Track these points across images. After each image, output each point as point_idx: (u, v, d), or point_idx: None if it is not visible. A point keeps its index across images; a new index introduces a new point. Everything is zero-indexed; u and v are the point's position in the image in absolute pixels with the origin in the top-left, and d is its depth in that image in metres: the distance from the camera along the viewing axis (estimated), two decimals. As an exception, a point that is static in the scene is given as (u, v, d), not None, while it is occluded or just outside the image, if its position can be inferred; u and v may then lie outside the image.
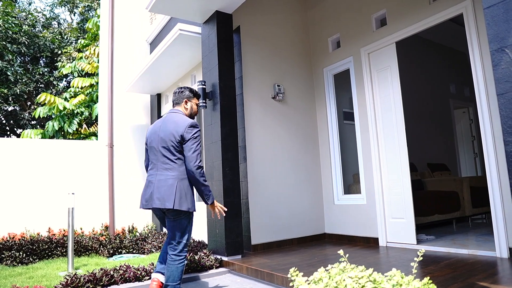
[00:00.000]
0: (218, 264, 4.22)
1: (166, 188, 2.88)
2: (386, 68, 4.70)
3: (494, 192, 3.53)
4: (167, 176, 2.92)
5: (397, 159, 4.53)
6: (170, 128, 2.97)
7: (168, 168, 2.94)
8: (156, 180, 2.93)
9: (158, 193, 2.89)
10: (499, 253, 3.47)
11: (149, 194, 2.94)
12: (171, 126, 2.97)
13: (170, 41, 5.41)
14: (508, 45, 1.90)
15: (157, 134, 3.03)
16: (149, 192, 2.95)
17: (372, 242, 4.75)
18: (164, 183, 2.90)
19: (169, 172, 2.93)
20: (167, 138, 2.95)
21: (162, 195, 2.87)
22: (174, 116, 3.07)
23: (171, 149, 2.94)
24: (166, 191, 2.87)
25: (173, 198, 2.86)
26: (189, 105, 3.24)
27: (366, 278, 2.24)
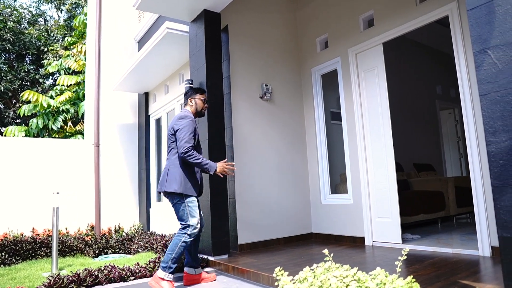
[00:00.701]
0: (204, 264, 4.20)
1: (163, 175, 3.45)
2: (373, 68, 4.73)
3: (477, 192, 3.58)
4: (166, 165, 3.50)
5: (383, 159, 4.56)
6: (171, 123, 3.53)
7: (167, 158, 3.52)
8: (164, 169, 3.52)
9: (161, 179, 3.49)
10: (481, 252, 3.52)
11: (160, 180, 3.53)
12: (172, 122, 3.54)
13: (158, 39, 5.36)
14: (490, 47, 1.93)
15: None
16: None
17: (359, 242, 4.78)
18: (164, 171, 3.48)
19: (167, 161, 3.51)
20: (168, 132, 3.54)
21: (161, 181, 3.46)
22: (176, 115, 3.56)
23: (168, 142, 3.51)
24: (163, 177, 3.44)
25: (165, 183, 3.39)
26: (194, 101, 3.63)
27: (351, 277, 2.25)
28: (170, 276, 3.32)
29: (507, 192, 1.83)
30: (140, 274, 3.80)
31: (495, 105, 1.89)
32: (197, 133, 3.55)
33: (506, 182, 1.83)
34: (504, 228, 1.83)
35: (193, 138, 3.41)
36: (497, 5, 1.92)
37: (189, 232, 3.36)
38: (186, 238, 3.35)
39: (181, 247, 3.34)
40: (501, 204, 1.85)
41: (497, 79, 1.89)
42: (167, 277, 3.31)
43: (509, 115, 1.84)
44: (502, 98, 1.87)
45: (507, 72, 1.86)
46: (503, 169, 1.85)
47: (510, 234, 1.81)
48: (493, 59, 1.92)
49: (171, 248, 3.34)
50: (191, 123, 3.45)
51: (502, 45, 1.88)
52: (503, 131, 1.86)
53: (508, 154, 1.83)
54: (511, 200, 1.81)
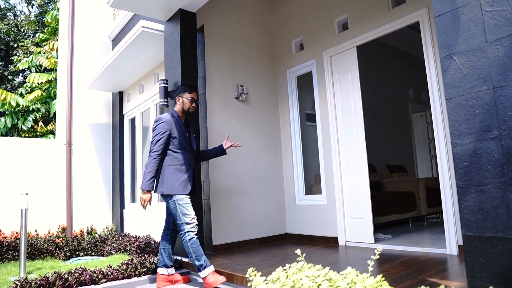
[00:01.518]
0: (178, 265, 4.16)
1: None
2: (347, 71, 4.81)
3: (446, 192, 3.70)
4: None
5: (356, 160, 4.64)
6: None
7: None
8: None
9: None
10: (449, 250, 3.63)
11: None
12: None
13: (132, 38, 5.28)
14: (455, 52, 2.00)
15: None
16: None
17: (332, 242, 4.85)
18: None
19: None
20: None
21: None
22: None
23: None
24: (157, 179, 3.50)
25: (154, 184, 3.48)
26: (181, 100, 3.61)
27: (323, 277, 2.28)
28: (206, 270, 3.33)
29: (470, 192, 1.90)
30: (112, 276, 3.74)
31: (460, 109, 1.96)
32: (177, 132, 3.51)
33: (469, 183, 1.90)
34: (468, 227, 1.90)
35: (160, 141, 3.44)
36: (462, 13, 1.99)
37: (187, 229, 3.36)
38: (189, 236, 3.35)
39: (193, 245, 3.35)
40: (465, 204, 1.92)
41: (461, 84, 1.96)
42: (208, 271, 3.32)
43: (472, 118, 1.91)
44: (466, 102, 1.94)
45: (471, 77, 1.93)
46: (467, 170, 1.92)
47: (473, 232, 1.88)
48: (458, 65, 1.99)
49: (187, 251, 3.36)
50: (163, 126, 3.46)
51: (466, 51, 1.96)
52: (467, 134, 1.93)
53: (472, 156, 1.90)
54: (474, 200, 1.88)
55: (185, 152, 3.55)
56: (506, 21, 1.83)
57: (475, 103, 1.91)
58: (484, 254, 1.84)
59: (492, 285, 1.79)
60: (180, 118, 3.62)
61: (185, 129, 3.62)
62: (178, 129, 3.53)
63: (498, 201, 1.81)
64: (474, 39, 1.93)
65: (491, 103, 1.85)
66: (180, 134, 3.53)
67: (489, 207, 1.83)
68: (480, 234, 1.86)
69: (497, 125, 1.83)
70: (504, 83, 1.82)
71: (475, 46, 1.92)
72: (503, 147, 1.80)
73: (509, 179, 1.78)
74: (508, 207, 1.77)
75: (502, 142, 1.81)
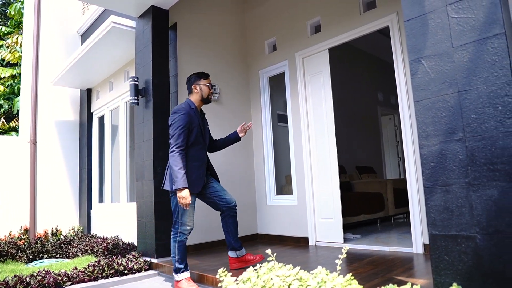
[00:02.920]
0: (147, 266, 4.09)
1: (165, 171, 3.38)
2: (319, 73, 4.87)
3: (412, 193, 3.80)
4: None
5: (327, 161, 4.70)
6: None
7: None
8: None
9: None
10: (415, 249, 3.74)
11: None
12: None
13: (102, 33, 5.14)
14: (424, 56, 2.05)
15: None
16: None
17: (302, 242, 4.89)
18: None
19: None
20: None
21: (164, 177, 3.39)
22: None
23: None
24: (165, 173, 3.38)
25: (163, 180, 3.36)
26: (199, 88, 3.42)
27: (293, 276, 2.29)
28: (183, 275, 3.24)
29: (436, 192, 1.96)
30: (78, 279, 3.62)
31: (428, 111, 2.02)
32: (194, 125, 3.29)
33: (436, 183, 1.96)
34: (434, 226, 1.96)
35: (182, 134, 3.19)
36: (430, 19, 2.05)
37: (180, 230, 3.25)
38: (180, 237, 3.25)
39: (180, 247, 3.25)
40: (431, 204, 1.98)
41: (429, 87, 2.02)
42: (184, 276, 3.24)
43: (439, 120, 1.97)
44: (434, 105, 2.00)
45: (438, 80, 1.99)
46: (434, 171, 1.97)
47: (438, 231, 1.94)
48: (426, 68, 2.04)
49: (172, 251, 3.27)
50: (183, 118, 3.21)
51: (434, 56, 2.02)
52: (434, 135, 1.98)
53: (438, 157, 1.96)
54: (440, 200, 1.94)
55: (199, 148, 3.33)
56: (470, 28, 1.90)
57: (441, 106, 1.97)
58: (448, 252, 1.90)
59: (456, 282, 1.84)
60: (197, 109, 3.41)
61: (201, 121, 3.42)
62: (196, 122, 3.31)
63: (462, 200, 1.87)
64: (441, 44, 1.99)
65: (456, 106, 1.92)
66: (197, 128, 3.31)
67: (454, 207, 1.89)
68: (445, 232, 1.92)
69: (462, 127, 1.89)
70: (468, 87, 1.89)
71: (442, 51, 1.98)
72: (467, 148, 1.87)
73: (472, 180, 1.84)
74: (471, 206, 1.84)
75: (466, 144, 1.87)
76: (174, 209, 3.29)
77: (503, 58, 1.79)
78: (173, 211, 3.30)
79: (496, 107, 1.80)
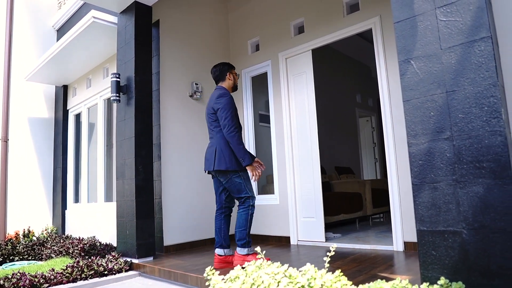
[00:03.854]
0: (128, 267, 4.00)
1: (209, 154, 3.45)
2: (302, 73, 4.92)
3: (393, 193, 3.89)
4: (211, 143, 3.49)
5: (309, 161, 4.75)
6: (210, 103, 3.53)
7: (211, 137, 3.52)
8: (208, 148, 3.52)
9: (206, 159, 3.50)
10: (396, 247, 3.83)
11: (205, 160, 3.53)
12: (211, 101, 3.53)
13: (82, 28, 5.01)
14: (413, 57, 2.11)
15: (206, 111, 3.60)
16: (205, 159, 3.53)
17: (284, 241, 4.91)
18: (209, 150, 3.49)
19: (212, 140, 3.49)
20: (208, 112, 3.53)
21: (208, 160, 3.46)
22: (215, 92, 3.57)
23: (210, 120, 3.51)
24: (210, 156, 3.43)
25: (213, 161, 3.38)
26: (232, 76, 3.70)
27: (282, 273, 2.30)
28: (252, 249, 3.41)
29: (424, 189, 2.02)
30: (55, 280, 3.51)
31: (416, 111, 2.07)
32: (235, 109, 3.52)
33: (424, 180, 2.02)
34: (421, 222, 2.01)
35: (235, 116, 3.43)
36: (419, 21, 2.11)
37: (251, 203, 3.42)
38: (252, 210, 3.43)
39: (251, 220, 3.43)
40: (419, 201, 2.03)
41: (418, 87, 2.08)
42: (250, 251, 3.39)
43: (427, 120, 2.03)
44: (422, 104, 2.06)
45: (426, 81, 2.05)
46: (422, 168, 2.03)
47: (426, 227, 2.00)
48: (415, 69, 2.10)
49: (243, 224, 3.38)
50: (231, 100, 3.47)
51: (423, 57, 2.08)
52: (422, 134, 2.04)
53: (426, 155, 2.02)
54: (428, 197, 2.00)
55: (240, 130, 3.47)
56: (458, 31, 1.97)
57: (430, 106, 2.03)
58: (436, 247, 1.95)
59: (443, 276, 1.90)
60: None
61: None
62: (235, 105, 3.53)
63: (449, 197, 1.93)
64: (430, 46, 2.05)
65: (444, 106, 1.98)
66: (236, 111, 3.52)
67: (441, 203, 1.95)
68: (432, 228, 1.97)
69: (449, 126, 1.95)
70: (456, 87, 1.95)
71: (431, 52, 2.05)
72: (454, 147, 1.93)
73: (459, 177, 1.90)
74: (458, 202, 1.90)
75: (454, 142, 1.94)
76: (239, 188, 3.39)
77: (489, 60, 1.87)
78: (237, 190, 3.41)
79: (482, 107, 1.87)
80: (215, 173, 3.46)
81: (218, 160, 3.36)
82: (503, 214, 1.77)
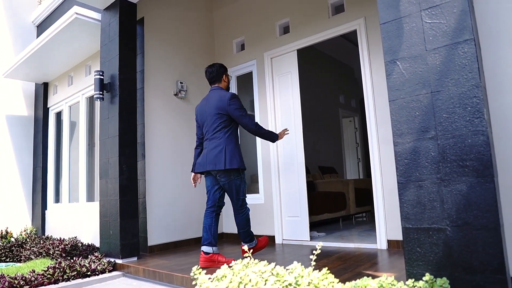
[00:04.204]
0: (111, 267, 3.95)
1: (215, 154, 3.46)
2: (287, 73, 4.94)
3: (377, 192, 3.95)
4: (217, 143, 3.49)
5: (294, 160, 4.78)
6: (215, 103, 3.55)
7: (219, 137, 3.51)
8: (209, 148, 3.52)
9: (211, 158, 3.47)
10: (379, 245, 3.89)
11: (204, 160, 3.54)
12: (215, 102, 3.56)
13: (63, 25, 4.91)
14: (399, 58, 2.15)
15: (205, 110, 3.62)
16: (203, 159, 3.55)
17: (269, 240, 4.92)
18: (213, 150, 3.48)
19: (219, 140, 3.49)
20: (213, 112, 3.54)
21: (214, 159, 3.45)
22: (216, 92, 3.64)
23: (217, 122, 3.52)
24: (217, 155, 3.45)
25: (223, 161, 3.42)
26: (227, 78, 3.82)
27: (269, 272, 2.30)
28: (256, 241, 3.77)
29: (409, 187, 2.06)
30: (36, 282, 3.43)
31: (402, 110, 2.11)
32: None
33: (409, 178, 2.06)
34: (407, 220, 2.05)
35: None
36: (405, 23, 2.15)
37: (246, 205, 3.65)
38: (248, 209, 3.68)
39: (249, 220, 3.68)
40: (405, 199, 2.07)
41: (404, 87, 2.12)
42: (255, 243, 3.75)
43: (413, 119, 2.07)
44: (408, 104, 2.10)
45: (412, 81, 2.09)
46: (407, 167, 2.07)
47: (411, 225, 2.04)
48: (401, 69, 2.14)
49: (246, 224, 3.63)
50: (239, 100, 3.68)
51: (408, 58, 2.12)
52: (408, 133, 2.08)
53: (412, 154, 2.06)
54: (413, 195, 2.04)
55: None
56: (442, 33, 2.02)
57: (415, 106, 2.07)
58: (421, 244, 2.00)
59: (428, 272, 1.94)
60: None
61: None
62: None
63: (434, 195, 1.97)
64: (416, 47, 2.10)
65: (429, 106, 2.02)
66: None
67: (426, 201, 2.00)
68: (417, 225, 2.01)
69: (434, 126, 2.00)
70: (440, 88, 2.00)
71: (416, 54, 2.09)
72: (439, 146, 1.98)
73: (444, 175, 1.95)
74: (442, 200, 1.95)
75: (438, 142, 1.98)
76: (238, 189, 3.56)
77: (472, 62, 1.92)
78: (235, 191, 3.56)
79: (466, 108, 1.92)
80: (216, 172, 3.49)
81: (230, 159, 3.44)
82: (485, 211, 1.82)
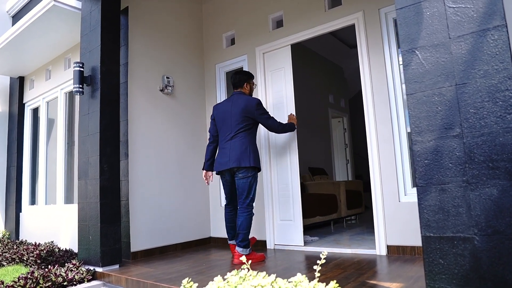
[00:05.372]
0: (90, 276, 3.62)
1: (242, 152, 3.65)
2: (280, 69, 4.71)
3: (376, 195, 3.74)
4: (242, 143, 3.69)
5: (287, 162, 4.54)
6: (241, 106, 3.75)
7: (242, 137, 3.71)
8: (232, 148, 3.69)
9: (235, 156, 3.64)
10: (379, 251, 3.68)
11: (226, 160, 3.70)
12: (241, 104, 3.77)
13: (40, 13, 4.56)
14: (418, 47, 1.93)
15: (229, 111, 3.80)
16: (225, 159, 3.71)
17: (260, 245, 4.67)
18: (239, 148, 3.66)
19: (243, 139, 3.71)
20: (239, 114, 3.74)
21: (239, 157, 3.63)
22: (241, 97, 3.86)
23: (238, 120, 3.73)
24: (243, 153, 3.65)
25: (248, 158, 3.64)
26: (249, 87, 4.02)
27: (270, 285, 2.06)
28: (251, 248, 3.75)
29: (431, 191, 1.84)
30: (5, 293, 3.09)
31: (422, 105, 1.89)
32: None
33: (430, 181, 1.84)
34: (428, 228, 1.83)
35: None
36: (425, 7, 1.94)
37: (253, 205, 3.73)
38: (253, 212, 3.74)
39: (251, 223, 3.71)
40: (425, 204, 1.85)
41: (423, 79, 1.90)
42: (250, 251, 3.70)
43: (434, 115, 1.86)
44: (428, 99, 1.88)
45: (433, 73, 1.88)
46: (428, 168, 1.85)
47: (433, 233, 1.82)
48: (421, 59, 1.92)
49: (248, 226, 3.65)
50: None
51: (429, 47, 1.90)
52: (429, 131, 1.86)
53: (433, 154, 1.84)
54: (435, 200, 1.82)
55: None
56: (469, 19, 1.81)
57: (437, 100, 1.85)
58: (443, 255, 1.78)
59: (452, 287, 1.73)
60: None
61: None
62: None
63: (459, 200, 1.76)
64: (437, 35, 1.88)
65: (453, 100, 1.81)
66: None
67: (450, 207, 1.78)
68: (440, 234, 1.79)
69: (459, 122, 1.79)
70: (466, 80, 1.79)
71: (438, 42, 1.87)
72: (464, 145, 1.77)
73: (470, 178, 1.74)
74: (469, 206, 1.73)
75: (464, 140, 1.77)
76: (250, 188, 3.68)
77: (504, 51, 1.71)
78: (247, 190, 3.66)
79: (496, 102, 1.71)
80: (237, 169, 3.66)
81: (254, 158, 3.67)
82: (519, 219, 1.61)
